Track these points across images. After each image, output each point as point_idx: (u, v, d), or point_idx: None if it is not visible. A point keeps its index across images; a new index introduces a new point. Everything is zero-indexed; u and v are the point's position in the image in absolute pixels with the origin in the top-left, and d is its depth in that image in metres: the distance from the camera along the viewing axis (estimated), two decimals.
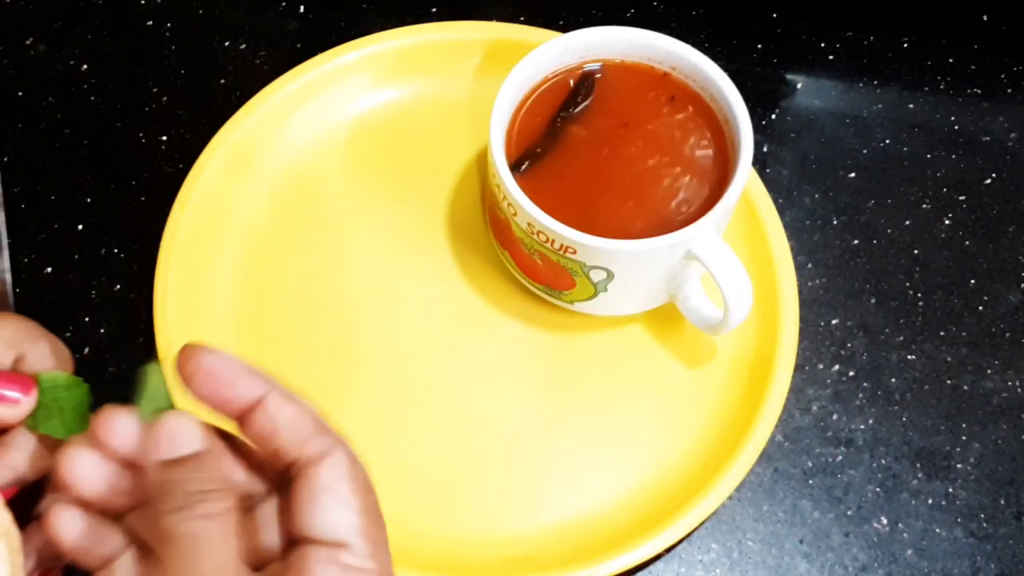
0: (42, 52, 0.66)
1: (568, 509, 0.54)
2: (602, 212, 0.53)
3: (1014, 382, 0.59)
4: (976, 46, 0.68)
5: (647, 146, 0.54)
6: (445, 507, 0.54)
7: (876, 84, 0.67)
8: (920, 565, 0.54)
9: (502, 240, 0.56)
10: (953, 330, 0.60)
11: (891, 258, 0.62)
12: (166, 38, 0.67)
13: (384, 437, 0.55)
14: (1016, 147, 0.65)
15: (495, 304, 0.59)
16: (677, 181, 0.54)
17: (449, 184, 0.61)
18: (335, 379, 0.57)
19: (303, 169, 0.62)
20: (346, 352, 0.58)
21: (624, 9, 0.69)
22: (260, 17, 0.68)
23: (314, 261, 0.59)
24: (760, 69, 0.67)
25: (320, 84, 0.62)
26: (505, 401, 0.56)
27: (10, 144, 0.64)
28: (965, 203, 0.64)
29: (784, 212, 0.61)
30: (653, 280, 0.54)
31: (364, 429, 0.55)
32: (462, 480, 0.55)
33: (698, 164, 0.54)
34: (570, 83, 0.56)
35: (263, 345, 0.57)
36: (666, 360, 0.57)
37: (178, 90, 0.65)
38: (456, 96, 0.63)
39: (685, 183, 0.54)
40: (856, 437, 0.57)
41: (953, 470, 0.57)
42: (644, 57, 0.56)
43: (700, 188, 0.53)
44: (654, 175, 0.54)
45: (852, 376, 0.59)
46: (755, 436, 0.54)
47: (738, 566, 0.54)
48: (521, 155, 0.54)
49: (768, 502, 0.56)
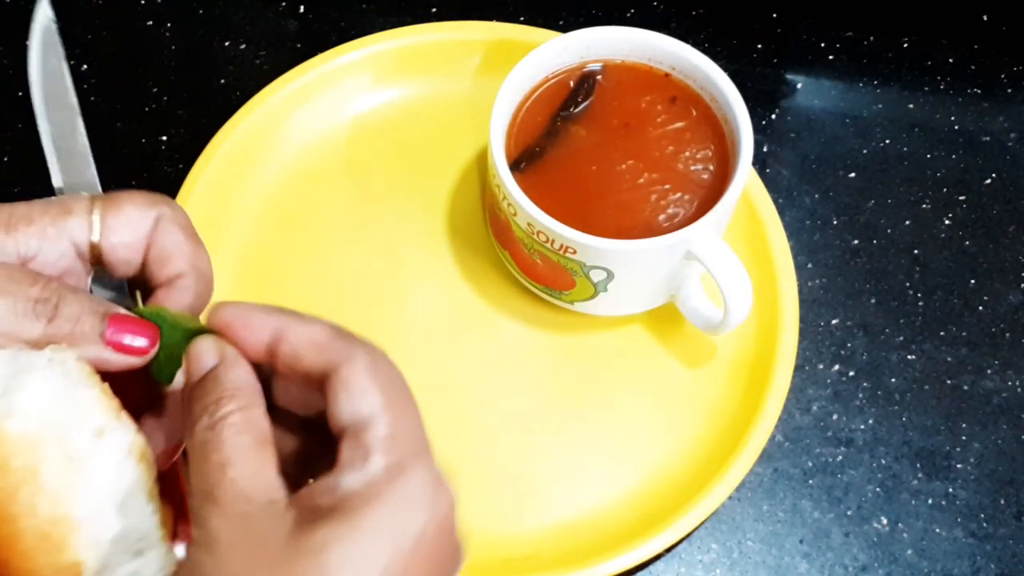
0: None
1: (568, 509, 0.54)
2: (602, 212, 0.53)
3: (1014, 382, 0.59)
4: (976, 46, 0.68)
5: (648, 147, 0.54)
6: None
7: (876, 84, 0.67)
8: (920, 565, 0.55)
9: (502, 240, 0.56)
10: (953, 330, 0.60)
11: (891, 258, 0.62)
12: (166, 38, 0.67)
13: None
14: (1016, 147, 0.65)
15: (495, 304, 0.59)
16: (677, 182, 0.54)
17: (449, 184, 0.61)
18: None
19: (303, 169, 0.62)
20: None
21: (624, 9, 0.69)
22: (260, 17, 0.68)
23: (314, 261, 0.59)
24: (760, 69, 0.67)
25: (320, 84, 0.62)
26: (505, 401, 0.56)
27: (10, 144, 0.64)
28: (965, 203, 0.64)
29: (784, 212, 0.61)
30: (653, 280, 0.54)
31: None
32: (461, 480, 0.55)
33: (698, 166, 0.54)
34: (570, 83, 0.56)
35: None
36: (666, 360, 0.57)
37: (178, 90, 0.65)
38: (456, 96, 0.63)
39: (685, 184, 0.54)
40: (856, 437, 0.57)
41: (953, 470, 0.57)
42: (644, 57, 0.56)
43: (700, 188, 0.53)
44: (654, 175, 0.54)
45: (852, 376, 0.59)
46: (755, 436, 0.54)
47: (738, 566, 0.54)
48: (521, 155, 0.55)
49: (768, 502, 0.56)
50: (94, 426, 0.34)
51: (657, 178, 0.53)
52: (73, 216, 0.37)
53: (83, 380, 0.35)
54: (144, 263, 0.38)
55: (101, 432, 0.34)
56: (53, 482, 0.33)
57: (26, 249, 0.36)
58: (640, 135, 0.55)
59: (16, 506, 0.33)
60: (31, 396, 0.33)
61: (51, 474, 0.33)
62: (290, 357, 0.34)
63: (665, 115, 0.55)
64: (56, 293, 0.35)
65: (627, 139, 0.55)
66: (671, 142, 0.54)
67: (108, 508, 0.34)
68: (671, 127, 0.55)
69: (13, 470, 0.33)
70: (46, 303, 0.35)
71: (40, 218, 0.37)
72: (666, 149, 0.54)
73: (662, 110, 0.55)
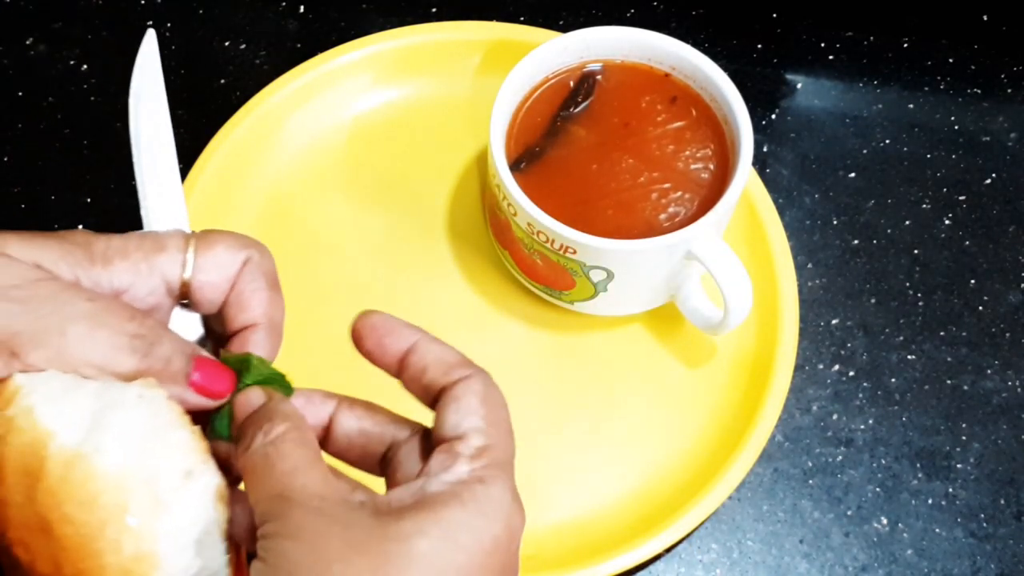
0: (42, 52, 0.66)
1: (568, 509, 0.54)
2: (602, 212, 0.53)
3: (1014, 382, 0.59)
4: (976, 46, 0.68)
5: (648, 146, 0.54)
6: None
7: (876, 84, 0.67)
8: (920, 565, 0.54)
9: (502, 240, 0.56)
10: (953, 330, 0.60)
11: (891, 258, 0.62)
12: (166, 38, 0.67)
13: None
14: (1016, 147, 0.65)
15: (495, 304, 0.59)
16: (678, 181, 0.54)
17: (449, 184, 0.61)
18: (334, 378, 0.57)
19: (303, 169, 0.62)
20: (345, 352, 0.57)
21: (624, 9, 0.69)
22: (260, 17, 0.68)
23: (314, 261, 0.59)
24: (760, 69, 0.67)
25: (320, 84, 0.62)
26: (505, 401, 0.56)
27: (10, 144, 0.64)
28: (965, 203, 0.64)
29: (784, 212, 0.61)
30: (653, 280, 0.54)
31: None
32: None
33: (698, 164, 0.54)
34: (570, 83, 0.56)
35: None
36: (666, 360, 0.57)
37: (178, 90, 0.65)
38: (456, 96, 0.63)
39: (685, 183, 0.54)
40: (856, 437, 0.57)
41: (953, 470, 0.57)
42: (644, 57, 0.56)
43: (700, 188, 0.53)
44: (654, 175, 0.54)
45: (852, 376, 0.59)
46: (755, 436, 0.54)
47: (738, 566, 0.54)
48: (521, 155, 0.54)
49: (768, 502, 0.56)
50: (183, 468, 0.35)
51: (658, 176, 0.53)
52: (166, 253, 0.37)
53: (173, 420, 0.35)
54: (224, 304, 0.39)
55: (190, 474, 0.35)
56: (140, 521, 0.33)
57: (120, 283, 0.36)
58: (640, 135, 0.55)
59: (101, 542, 0.33)
60: (122, 433, 0.33)
61: (138, 513, 0.33)
62: (418, 368, 0.38)
63: (665, 115, 0.55)
64: (152, 330, 0.36)
65: (627, 139, 0.55)
66: (671, 141, 0.54)
67: (188, 547, 0.34)
68: (671, 126, 0.55)
69: (101, 506, 0.33)
70: (143, 339, 0.35)
71: (135, 253, 0.37)
72: (666, 148, 0.54)
73: (662, 110, 0.55)
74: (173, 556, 0.34)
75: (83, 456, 0.33)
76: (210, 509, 0.35)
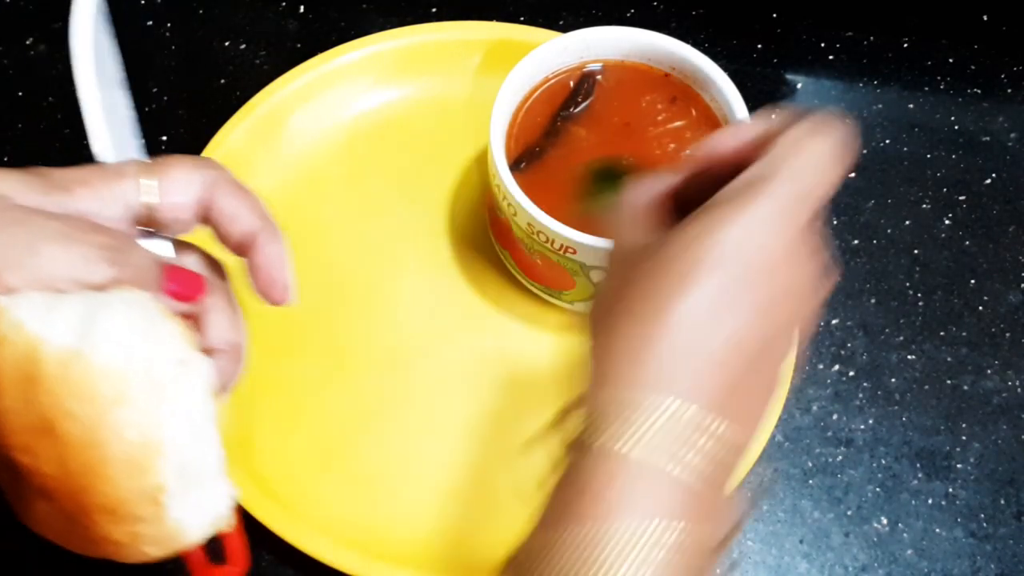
0: (42, 52, 0.66)
1: None
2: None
3: (1014, 382, 0.59)
4: (976, 46, 0.68)
5: (648, 146, 0.54)
6: (444, 507, 0.54)
7: (876, 84, 0.67)
8: (920, 565, 0.54)
9: (502, 240, 0.56)
10: (953, 330, 0.60)
11: (891, 258, 0.62)
12: (166, 38, 0.67)
13: (383, 436, 0.55)
14: (1016, 147, 0.65)
15: (495, 304, 0.59)
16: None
17: (449, 184, 0.61)
18: (334, 378, 0.57)
19: (303, 169, 0.62)
20: (345, 352, 0.58)
21: (624, 9, 0.69)
22: (260, 17, 0.68)
23: (314, 261, 0.59)
24: (760, 69, 0.67)
25: (320, 84, 0.62)
26: (505, 401, 0.56)
27: (10, 144, 0.64)
28: (965, 203, 0.64)
29: None
30: None
31: (364, 428, 0.55)
32: (461, 479, 0.55)
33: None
34: (570, 83, 0.56)
35: (262, 344, 0.57)
36: None
37: (178, 90, 0.65)
38: (456, 96, 0.63)
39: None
40: (856, 437, 0.57)
41: (953, 470, 0.57)
42: (644, 57, 0.56)
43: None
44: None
45: (852, 376, 0.59)
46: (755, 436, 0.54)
47: (738, 566, 0.54)
48: (521, 155, 0.54)
49: (768, 502, 0.56)
50: (177, 356, 0.35)
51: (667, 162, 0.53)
52: (126, 179, 0.38)
53: (161, 314, 0.36)
54: (213, 225, 0.41)
55: (184, 363, 0.35)
56: (141, 407, 0.34)
57: (84, 208, 0.37)
58: (640, 134, 0.55)
59: (104, 431, 0.33)
60: (113, 328, 0.34)
61: (139, 399, 0.34)
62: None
63: (665, 115, 0.55)
64: (122, 240, 0.37)
65: (627, 139, 0.55)
66: (671, 140, 0.54)
67: (187, 436, 0.35)
68: (671, 126, 0.55)
69: (102, 397, 0.33)
70: (114, 249, 0.36)
71: (95, 181, 0.38)
72: (667, 147, 0.54)
73: (662, 110, 0.55)
74: (174, 442, 0.34)
75: (78, 354, 0.33)
76: (205, 397, 0.36)
